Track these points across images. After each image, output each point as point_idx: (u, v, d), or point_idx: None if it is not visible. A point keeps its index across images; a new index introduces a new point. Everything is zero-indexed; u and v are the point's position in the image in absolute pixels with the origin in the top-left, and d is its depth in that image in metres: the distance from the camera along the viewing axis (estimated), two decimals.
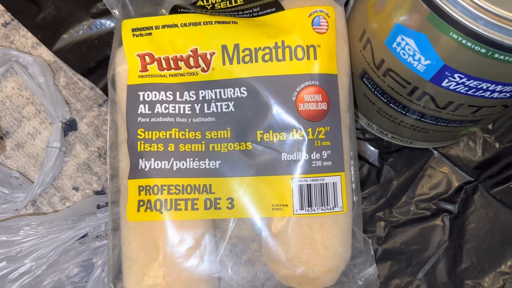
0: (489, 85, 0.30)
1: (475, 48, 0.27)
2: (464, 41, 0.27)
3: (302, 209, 0.35)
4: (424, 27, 0.28)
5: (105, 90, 0.46)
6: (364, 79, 0.38)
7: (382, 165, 0.45)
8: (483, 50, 0.27)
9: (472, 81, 0.30)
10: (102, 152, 0.45)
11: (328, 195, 0.36)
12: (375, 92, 0.38)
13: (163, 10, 0.40)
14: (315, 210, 0.35)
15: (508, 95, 0.31)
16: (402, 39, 0.31)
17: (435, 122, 0.37)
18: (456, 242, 0.43)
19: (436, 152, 0.45)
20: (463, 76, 0.30)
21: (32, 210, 0.43)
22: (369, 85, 0.38)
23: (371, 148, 0.46)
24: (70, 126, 0.45)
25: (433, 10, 0.27)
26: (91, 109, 0.46)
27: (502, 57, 0.27)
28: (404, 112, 0.38)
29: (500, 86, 0.30)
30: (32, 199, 0.43)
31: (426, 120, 0.37)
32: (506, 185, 0.45)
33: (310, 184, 0.36)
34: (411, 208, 0.44)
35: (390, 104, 0.38)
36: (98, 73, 0.47)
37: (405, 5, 0.29)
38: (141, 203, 0.35)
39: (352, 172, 0.38)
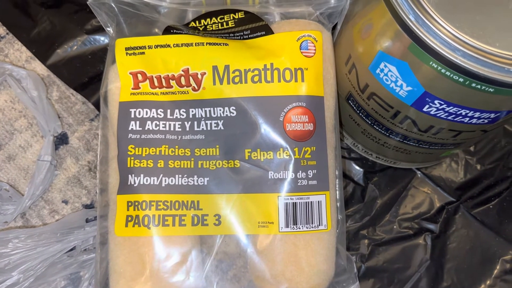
0: (467, 111, 0.31)
1: (454, 77, 0.28)
2: (443, 70, 0.28)
3: (287, 226, 0.36)
4: (406, 56, 0.30)
5: (97, 105, 0.47)
6: (349, 101, 0.40)
7: (367, 184, 0.46)
8: (461, 79, 0.28)
9: (451, 107, 0.31)
10: (92, 166, 0.46)
11: (313, 214, 0.37)
12: (360, 114, 0.39)
13: (156, 29, 0.41)
14: (300, 228, 0.36)
15: (486, 121, 0.32)
16: (385, 66, 0.32)
17: (417, 145, 0.39)
18: (438, 261, 0.44)
19: (419, 172, 0.47)
20: (443, 103, 0.31)
21: (21, 222, 0.44)
22: (354, 107, 0.39)
23: (356, 167, 0.47)
24: (61, 140, 0.46)
25: (414, 40, 0.28)
26: (83, 124, 0.47)
27: (479, 86, 0.28)
28: (387, 134, 0.39)
29: (478, 113, 0.31)
30: (22, 212, 0.43)
31: (409, 142, 0.39)
32: (486, 206, 0.46)
33: (295, 203, 0.36)
34: (394, 226, 0.45)
35: (374, 126, 0.39)
36: (90, 88, 0.48)
37: (388, 34, 0.30)
38: (129, 218, 0.36)
39: (337, 191, 0.39)
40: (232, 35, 0.39)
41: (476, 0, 0.28)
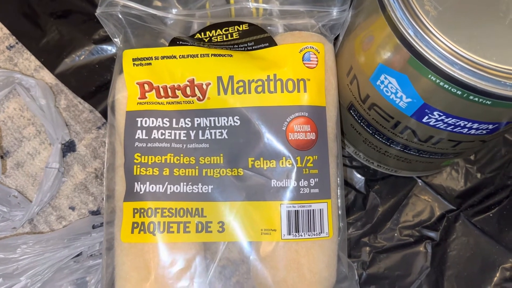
0: (466, 122, 0.32)
1: (452, 90, 0.29)
2: (441, 83, 0.29)
3: (289, 234, 0.37)
4: (405, 69, 0.30)
5: (104, 113, 0.48)
6: (351, 111, 0.40)
7: (368, 192, 0.47)
8: (459, 92, 0.29)
9: (450, 118, 0.32)
10: (99, 173, 0.47)
11: (314, 221, 0.37)
12: (361, 123, 0.40)
13: (162, 40, 0.42)
14: (302, 236, 0.37)
15: (484, 131, 0.33)
16: (385, 78, 0.33)
17: (418, 154, 0.39)
18: (438, 269, 0.45)
19: (420, 181, 0.47)
20: (442, 114, 0.32)
21: (28, 228, 0.45)
22: (356, 117, 0.40)
23: (358, 175, 0.47)
24: (68, 147, 0.47)
25: (413, 54, 0.29)
26: (90, 131, 0.48)
27: (476, 99, 0.29)
28: (388, 144, 0.40)
29: (476, 124, 0.32)
30: (30, 218, 0.44)
31: (409, 152, 0.39)
32: (486, 214, 0.46)
33: (298, 210, 0.37)
34: (395, 234, 0.46)
35: (375, 136, 0.40)
36: (97, 97, 0.49)
37: (388, 48, 0.31)
38: (135, 225, 0.37)
39: (338, 199, 0.39)
40: (237, 46, 0.40)
41: (474, 16, 0.29)
